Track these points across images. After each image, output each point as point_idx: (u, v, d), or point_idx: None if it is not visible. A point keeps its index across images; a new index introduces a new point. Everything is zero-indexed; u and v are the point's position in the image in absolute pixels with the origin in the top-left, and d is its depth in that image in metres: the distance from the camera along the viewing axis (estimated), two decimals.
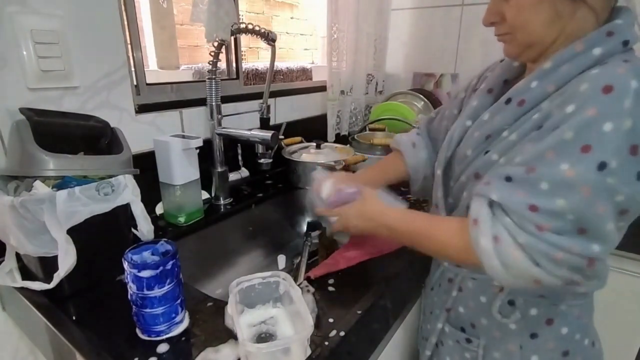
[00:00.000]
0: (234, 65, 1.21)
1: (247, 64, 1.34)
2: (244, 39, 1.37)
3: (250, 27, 0.93)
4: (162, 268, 0.51)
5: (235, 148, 1.06)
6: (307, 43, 1.96)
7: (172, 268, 0.53)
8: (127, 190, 0.66)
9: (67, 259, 0.58)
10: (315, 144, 1.21)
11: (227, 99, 1.04)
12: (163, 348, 0.52)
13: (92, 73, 0.78)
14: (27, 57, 0.68)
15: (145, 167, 0.77)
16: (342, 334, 0.54)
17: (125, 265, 0.51)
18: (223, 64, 1.19)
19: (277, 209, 1.12)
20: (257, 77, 1.38)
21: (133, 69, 0.89)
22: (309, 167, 1.12)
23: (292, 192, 1.15)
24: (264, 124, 1.08)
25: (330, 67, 1.37)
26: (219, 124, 0.95)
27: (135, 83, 0.91)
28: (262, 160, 1.05)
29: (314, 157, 1.16)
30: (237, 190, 1.05)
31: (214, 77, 0.91)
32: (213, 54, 0.89)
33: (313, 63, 1.79)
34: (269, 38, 0.97)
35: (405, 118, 1.38)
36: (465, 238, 0.52)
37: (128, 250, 0.53)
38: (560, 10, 0.50)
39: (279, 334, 0.55)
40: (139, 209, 0.69)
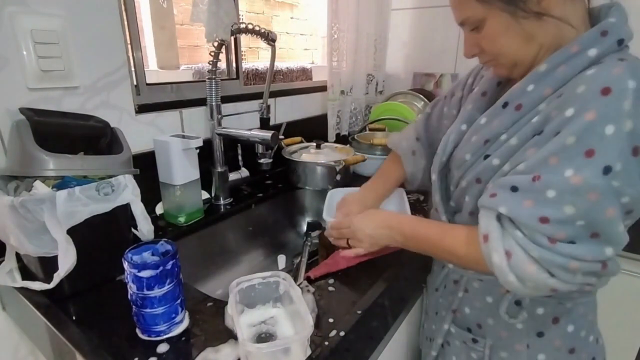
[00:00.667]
0: (234, 65, 1.21)
1: (247, 64, 1.34)
2: (244, 39, 1.37)
3: (250, 27, 0.93)
4: (162, 268, 0.51)
5: (235, 148, 1.06)
6: (307, 43, 1.96)
7: (172, 268, 0.53)
8: (127, 190, 0.66)
9: (67, 259, 0.58)
10: (315, 144, 1.21)
11: (227, 99, 1.04)
12: (163, 348, 0.52)
13: (92, 73, 0.78)
14: (27, 57, 0.68)
15: (145, 167, 0.77)
16: (342, 334, 0.54)
17: (125, 265, 0.51)
18: (223, 64, 1.19)
19: (277, 209, 1.12)
20: (257, 77, 1.38)
21: (133, 69, 0.89)
22: (309, 167, 1.12)
23: (292, 192, 1.15)
24: (264, 124, 1.08)
25: (331, 67, 1.37)
26: (219, 124, 0.95)
27: (135, 83, 0.91)
28: (262, 160, 1.05)
29: (314, 157, 1.16)
30: (237, 190, 1.05)
31: (214, 77, 0.91)
32: (213, 54, 0.89)
33: (313, 63, 1.79)
34: (269, 38, 0.97)
35: (405, 118, 1.38)
36: (474, 249, 0.53)
37: (128, 251, 0.53)
38: (530, 30, 0.51)
39: (279, 334, 0.55)
40: (139, 209, 0.69)
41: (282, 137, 1.16)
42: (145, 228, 0.71)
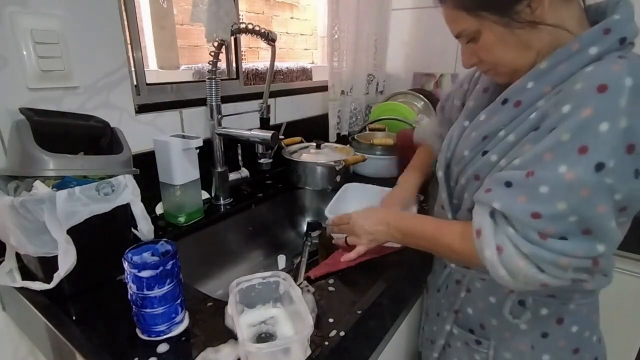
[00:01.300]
0: (234, 65, 1.21)
1: (247, 64, 1.34)
2: (244, 39, 1.37)
3: (250, 27, 0.93)
4: (162, 268, 0.51)
5: (235, 148, 1.06)
6: (307, 43, 1.96)
7: (172, 268, 0.53)
8: (127, 190, 0.65)
9: (67, 259, 0.58)
10: (315, 144, 1.21)
11: (227, 99, 1.04)
12: (163, 348, 0.52)
13: (92, 73, 0.78)
14: (27, 57, 0.68)
15: (145, 167, 0.77)
16: (342, 334, 0.54)
17: (125, 266, 0.51)
18: (223, 64, 1.19)
19: (277, 209, 1.12)
20: (257, 77, 1.38)
21: (133, 69, 0.89)
22: (309, 167, 1.12)
23: (292, 192, 1.15)
24: (264, 124, 1.08)
25: (332, 67, 1.37)
26: (219, 124, 0.95)
27: (135, 83, 0.91)
28: (262, 160, 1.05)
29: (314, 157, 1.16)
30: (237, 190, 1.05)
31: (214, 77, 0.91)
32: (213, 54, 0.89)
33: (313, 63, 1.79)
34: (269, 38, 0.97)
35: (405, 118, 1.38)
36: (468, 243, 0.53)
37: (128, 251, 0.53)
38: (525, 39, 0.51)
39: (279, 334, 0.55)
40: (139, 209, 0.69)
41: (282, 137, 1.16)
42: (145, 228, 0.71)
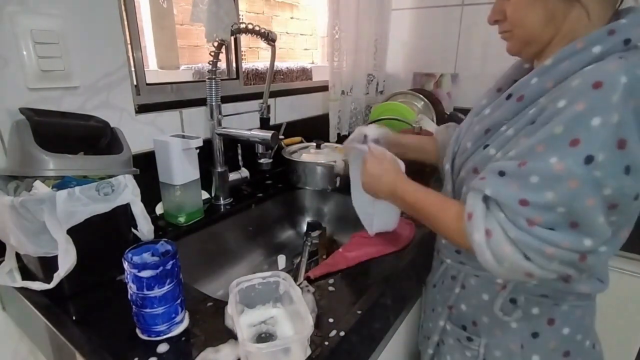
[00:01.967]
0: (234, 65, 1.21)
1: (247, 64, 1.34)
2: (244, 39, 1.37)
3: (250, 27, 0.93)
4: (162, 268, 0.51)
5: (235, 148, 1.06)
6: (307, 43, 1.96)
7: (172, 268, 0.53)
8: (127, 190, 0.66)
9: (67, 259, 0.58)
10: (315, 144, 1.21)
11: (227, 99, 1.04)
12: (163, 348, 0.52)
13: (92, 73, 0.78)
14: (27, 57, 0.68)
15: (145, 167, 0.77)
16: (342, 334, 0.54)
17: (125, 266, 0.51)
18: (223, 64, 1.19)
19: (277, 209, 1.12)
20: (257, 77, 1.38)
21: (133, 69, 0.89)
22: (309, 167, 1.12)
23: (292, 192, 1.15)
24: (264, 124, 1.08)
25: (332, 67, 1.37)
26: (219, 124, 0.95)
27: (135, 83, 0.91)
28: (262, 160, 1.05)
29: (314, 157, 1.16)
30: (237, 190, 1.05)
31: (214, 77, 0.91)
32: (213, 54, 0.89)
33: (313, 63, 1.79)
34: (269, 38, 0.97)
35: (405, 118, 1.38)
36: (461, 222, 0.54)
37: (128, 251, 0.53)
38: (553, 10, 0.52)
39: (279, 334, 0.55)
40: (139, 209, 0.69)
41: (282, 137, 1.16)
42: (145, 228, 0.71)
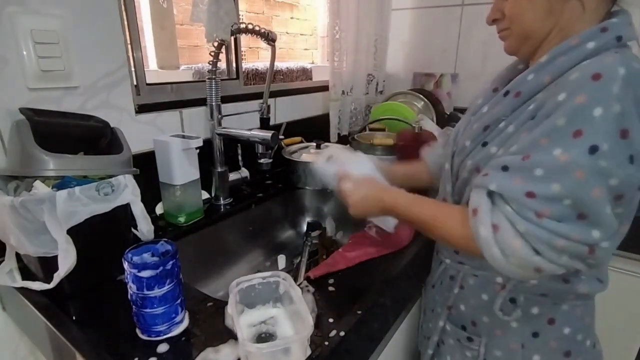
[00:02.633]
0: (234, 65, 1.21)
1: (247, 64, 1.34)
2: (244, 39, 1.37)
3: (250, 27, 0.93)
4: (162, 268, 0.51)
5: (235, 148, 1.06)
6: (307, 43, 1.96)
7: (172, 268, 0.53)
8: (127, 190, 0.65)
9: (67, 259, 0.58)
10: (315, 144, 1.21)
11: (227, 99, 1.04)
12: (163, 348, 0.52)
13: (92, 73, 0.78)
14: (27, 57, 0.68)
15: (145, 167, 0.77)
16: (342, 334, 0.54)
17: (125, 266, 0.51)
18: (223, 64, 1.19)
19: (277, 209, 1.12)
20: (257, 77, 1.38)
21: (133, 69, 0.89)
22: (309, 167, 1.12)
23: (292, 192, 1.15)
24: (264, 124, 1.08)
25: (333, 67, 1.37)
26: (219, 124, 0.95)
27: (135, 83, 0.91)
28: (262, 160, 1.05)
29: (314, 157, 1.16)
30: (237, 190, 1.05)
31: (214, 77, 0.91)
32: (213, 54, 0.89)
33: (313, 63, 1.79)
34: (269, 38, 0.97)
35: (405, 118, 1.38)
36: (467, 227, 0.53)
37: (128, 251, 0.53)
38: (553, 4, 0.53)
39: (279, 334, 0.55)
40: (139, 209, 0.69)
41: (282, 137, 1.15)
42: (145, 228, 0.71)
